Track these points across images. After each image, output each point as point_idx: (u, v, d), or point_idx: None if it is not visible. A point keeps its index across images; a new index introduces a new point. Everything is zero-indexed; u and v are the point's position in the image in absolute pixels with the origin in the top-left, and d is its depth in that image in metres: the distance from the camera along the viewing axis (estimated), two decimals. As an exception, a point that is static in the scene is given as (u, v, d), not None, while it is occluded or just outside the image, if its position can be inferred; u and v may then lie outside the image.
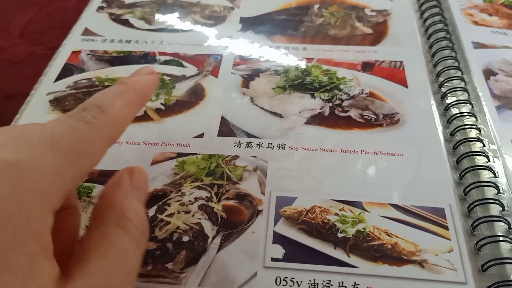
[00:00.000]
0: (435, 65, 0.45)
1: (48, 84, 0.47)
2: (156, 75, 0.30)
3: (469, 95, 0.42)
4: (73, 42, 0.52)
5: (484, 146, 0.37)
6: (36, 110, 0.44)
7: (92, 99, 0.26)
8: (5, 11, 0.60)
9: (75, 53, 0.50)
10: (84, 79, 0.47)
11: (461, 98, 0.41)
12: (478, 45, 0.48)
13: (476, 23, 0.51)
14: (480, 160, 0.37)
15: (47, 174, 0.20)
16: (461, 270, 0.31)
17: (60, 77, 0.47)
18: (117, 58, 0.50)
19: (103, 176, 0.38)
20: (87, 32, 0.53)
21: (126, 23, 0.55)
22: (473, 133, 0.38)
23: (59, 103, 0.44)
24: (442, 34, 0.48)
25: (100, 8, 0.57)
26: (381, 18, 0.53)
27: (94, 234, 0.23)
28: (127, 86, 0.27)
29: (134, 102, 0.27)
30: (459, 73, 0.44)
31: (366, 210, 0.34)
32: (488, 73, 0.44)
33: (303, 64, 0.47)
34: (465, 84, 0.43)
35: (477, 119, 0.40)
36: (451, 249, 0.32)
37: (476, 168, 0.36)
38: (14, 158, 0.20)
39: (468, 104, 0.41)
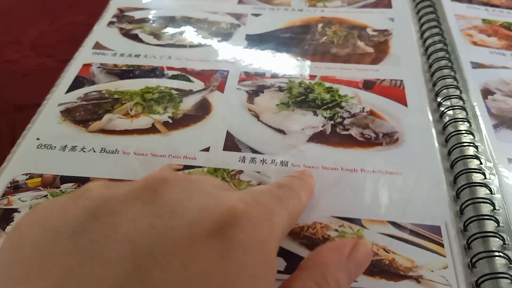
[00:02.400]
0: (434, 84, 0.47)
1: (60, 95, 0.48)
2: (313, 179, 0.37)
3: (467, 113, 0.43)
4: (84, 55, 0.54)
5: (481, 163, 0.39)
6: (47, 120, 0.45)
7: (281, 180, 0.33)
8: (16, 24, 0.62)
9: (86, 66, 0.52)
10: (94, 91, 0.49)
11: (459, 117, 0.43)
12: (476, 65, 0.49)
13: (475, 43, 0.52)
14: (477, 177, 0.38)
15: (281, 225, 0.26)
16: (455, 286, 0.32)
17: (71, 88, 0.49)
18: (126, 72, 0.51)
19: (112, 187, 0.39)
20: (98, 46, 0.55)
21: (135, 38, 0.56)
22: (470, 151, 0.40)
23: (70, 113, 0.46)
24: (441, 53, 0.50)
25: (111, 23, 0.59)
26: (382, 37, 0.54)
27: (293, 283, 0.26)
28: (304, 181, 0.34)
29: (310, 195, 0.35)
30: (457, 92, 0.45)
31: (364, 227, 0.36)
32: (486, 92, 0.46)
33: (306, 81, 0.49)
34: (463, 103, 0.44)
35: (474, 137, 0.41)
36: (446, 266, 0.33)
37: (473, 184, 0.37)
38: (265, 201, 0.26)
39: (466, 122, 0.42)
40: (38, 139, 0.43)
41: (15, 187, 0.40)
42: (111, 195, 0.22)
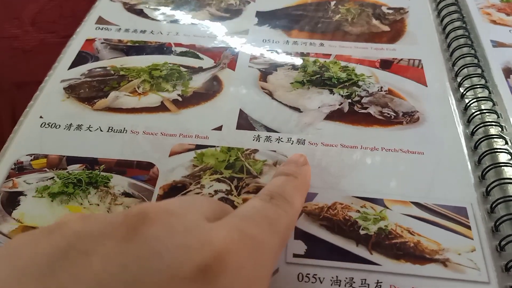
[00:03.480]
0: (454, 64, 0.45)
1: (62, 71, 0.46)
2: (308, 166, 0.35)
3: (490, 92, 0.41)
4: (87, 30, 0.51)
5: (506, 143, 0.37)
6: (50, 97, 0.43)
7: (273, 186, 0.29)
8: (14, 0, 0.60)
9: (89, 41, 0.50)
10: (98, 68, 0.46)
11: (481, 95, 0.41)
12: (497, 44, 0.47)
13: (494, 22, 0.51)
14: (503, 158, 0.36)
15: (272, 254, 0.24)
16: (484, 270, 0.31)
17: (74, 64, 0.47)
18: (132, 48, 0.49)
19: (120, 166, 0.37)
20: (101, 20, 0.53)
21: (140, 13, 0.54)
22: (494, 130, 0.38)
23: (74, 90, 0.44)
24: (460, 32, 0.48)
25: (114, -3, 0.56)
26: (398, 16, 0.53)
27: None
28: (298, 181, 0.31)
29: (305, 195, 0.33)
30: (479, 70, 0.43)
31: (387, 208, 0.34)
32: (508, 72, 0.44)
33: (321, 60, 0.47)
34: (486, 82, 0.42)
35: (499, 117, 0.39)
36: (473, 249, 0.32)
37: (499, 165, 0.36)
38: (253, 233, 0.23)
39: (489, 101, 0.40)
40: (41, 117, 0.41)
41: (19, 169, 0.38)
42: (86, 231, 0.20)
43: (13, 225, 0.34)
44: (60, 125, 0.40)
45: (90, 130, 0.40)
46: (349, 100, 0.42)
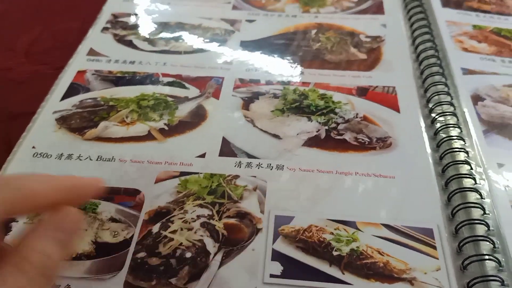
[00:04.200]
0: (425, 91, 0.48)
1: (55, 103, 0.48)
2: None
3: (458, 119, 0.44)
4: (78, 61, 0.54)
5: (471, 168, 0.40)
6: (42, 127, 0.46)
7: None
8: (9, 30, 0.62)
9: (81, 73, 0.52)
10: (89, 99, 0.49)
11: (450, 122, 0.44)
12: (467, 71, 0.50)
13: (465, 49, 0.53)
14: (468, 182, 0.39)
15: None
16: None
17: (66, 95, 0.49)
18: (121, 79, 0.51)
19: (108, 193, 0.39)
20: (92, 52, 0.55)
21: (130, 44, 0.57)
22: (461, 156, 0.41)
23: (65, 121, 0.46)
24: (433, 60, 0.50)
25: (105, 29, 0.59)
26: (375, 44, 0.55)
27: None
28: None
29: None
30: (448, 98, 0.46)
31: (359, 230, 0.36)
32: (476, 98, 0.47)
33: (301, 88, 0.49)
34: (454, 109, 0.45)
35: (465, 143, 0.42)
36: (439, 268, 0.34)
37: (464, 190, 0.38)
38: None
39: (456, 128, 0.43)
40: (33, 147, 0.44)
41: (12, 195, 0.40)
42: None
43: None
44: (51, 155, 0.43)
45: (80, 159, 0.42)
46: (326, 127, 0.45)
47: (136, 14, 0.62)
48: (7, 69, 0.55)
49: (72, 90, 0.50)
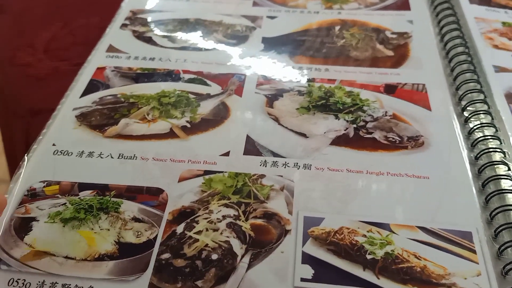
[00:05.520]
0: (457, 88, 0.46)
1: (74, 100, 0.47)
2: None
3: (492, 118, 0.42)
4: (98, 58, 0.53)
5: (509, 169, 0.38)
6: (63, 125, 0.45)
7: None
8: (29, 27, 0.61)
9: (100, 69, 0.51)
10: (109, 95, 0.48)
11: (484, 121, 0.42)
12: (499, 69, 0.48)
13: (496, 46, 0.52)
14: (506, 184, 0.37)
15: None
16: (490, 294, 0.31)
17: (85, 92, 0.48)
18: (141, 75, 0.50)
19: (131, 192, 0.38)
20: (111, 49, 0.54)
21: (149, 40, 0.55)
22: (497, 156, 0.39)
23: (86, 118, 0.45)
24: (463, 57, 0.49)
25: (124, 26, 0.58)
26: (402, 40, 0.54)
27: None
28: None
29: None
30: (481, 96, 0.44)
31: (394, 232, 0.35)
32: (510, 97, 0.45)
33: (326, 85, 0.48)
34: (488, 107, 0.43)
35: (501, 142, 0.40)
36: (479, 273, 0.32)
37: (502, 192, 0.36)
38: None
39: (491, 127, 0.41)
40: (54, 145, 0.42)
41: (32, 195, 0.38)
42: None
43: (25, 250, 0.35)
44: (72, 153, 0.41)
45: (101, 157, 0.41)
46: (354, 125, 0.43)
47: (155, 11, 0.61)
48: (26, 65, 0.55)
49: (92, 87, 0.49)
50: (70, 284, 0.33)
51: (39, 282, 0.33)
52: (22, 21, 0.63)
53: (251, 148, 0.42)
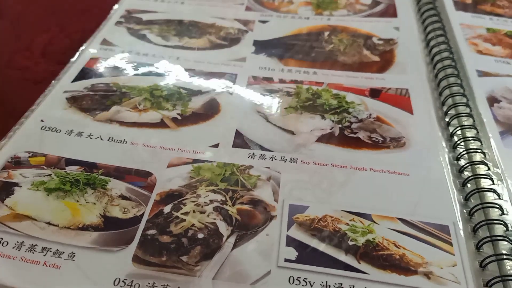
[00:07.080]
0: (440, 93, 0.48)
1: (66, 83, 0.48)
2: None
3: (474, 121, 0.44)
4: (91, 49, 0.54)
5: (488, 169, 0.39)
6: (52, 104, 0.46)
7: None
8: (26, 30, 0.62)
9: (93, 60, 0.52)
10: (101, 84, 0.49)
11: (466, 123, 0.43)
12: (482, 73, 0.50)
13: (480, 52, 0.54)
14: (485, 183, 0.38)
15: None
16: (464, 283, 0.32)
17: (77, 79, 0.49)
18: (134, 69, 0.51)
19: (119, 172, 0.39)
20: (105, 42, 0.55)
21: (143, 37, 0.57)
22: (478, 157, 0.40)
23: (76, 101, 0.46)
24: (447, 62, 0.51)
25: (119, 23, 0.59)
26: (388, 46, 0.56)
27: None
28: None
29: None
30: (464, 100, 0.46)
31: (375, 222, 0.36)
32: (492, 100, 0.47)
33: (314, 87, 0.49)
34: (470, 110, 0.45)
35: (482, 144, 0.42)
36: (455, 264, 0.33)
37: (481, 190, 0.38)
38: None
39: (473, 129, 0.43)
40: (42, 121, 0.43)
41: (16, 163, 0.39)
42: None
43: (5, 211, 0.35)
44: (60, 130, 0.42)
45: (91, 138, 0.42)
46: (340, 125, 0.45)
47: (150, 11, 0.62)
48: (24, 69, 0.55)
49: (84, 75, 0.50)
50: (50, 248, 0.33)
51: (18, 242, 0.33)
52: (20, 25, 0.63)
53: (240, 141, 0.43)
